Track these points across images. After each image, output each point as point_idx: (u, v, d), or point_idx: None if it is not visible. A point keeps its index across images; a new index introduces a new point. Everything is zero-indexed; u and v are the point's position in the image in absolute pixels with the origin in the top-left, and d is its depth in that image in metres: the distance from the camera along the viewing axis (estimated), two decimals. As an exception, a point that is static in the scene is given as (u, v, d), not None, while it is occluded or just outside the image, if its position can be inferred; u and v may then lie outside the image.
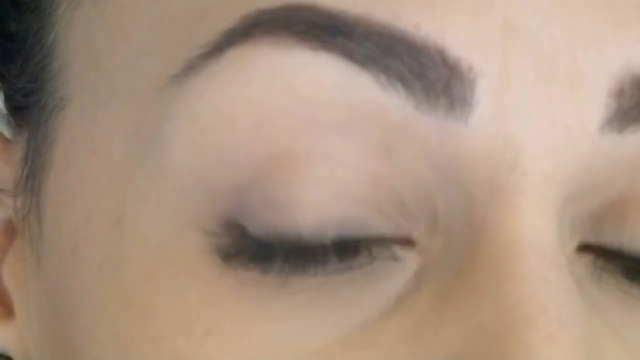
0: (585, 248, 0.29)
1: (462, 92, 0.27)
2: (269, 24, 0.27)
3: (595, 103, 0.28)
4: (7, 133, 0.36)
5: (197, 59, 0.28)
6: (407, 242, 0.28)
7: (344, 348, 0.27)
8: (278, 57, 0.27)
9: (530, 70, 0.27)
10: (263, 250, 0.28)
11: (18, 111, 0.34)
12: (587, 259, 0.29)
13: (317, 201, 0.27)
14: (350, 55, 0.27)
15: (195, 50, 0.28)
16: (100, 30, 0.31)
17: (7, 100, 0.35)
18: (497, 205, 0.27)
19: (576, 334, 0.26)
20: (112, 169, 0.30)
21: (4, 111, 0.35)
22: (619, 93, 0.28)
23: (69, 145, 0.31)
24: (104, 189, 0.30)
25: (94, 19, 0.31)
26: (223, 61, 0.27)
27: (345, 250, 0.28)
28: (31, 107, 0.33)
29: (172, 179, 0.29)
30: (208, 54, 0.28)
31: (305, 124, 0.27)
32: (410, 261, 0.28)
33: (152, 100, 0.29)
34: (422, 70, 0.27)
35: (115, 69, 0.30)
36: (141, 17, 0.30)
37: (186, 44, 0.28)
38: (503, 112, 0.27)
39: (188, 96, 0.28)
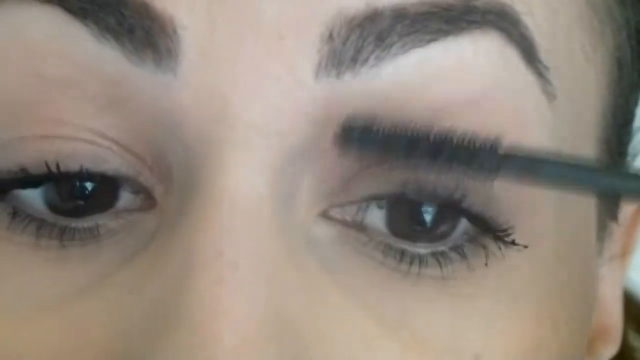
0: (333, 214, 0.30)
1: (166, 44, 0.28)
2: None
3: (306, 50, 0.28)
4: None
5: None
6: (151, 205, 0.30)
7: (79, 298, 0.29)
8: (12, 10, 0.29)
9: (237, 22, 0.28)
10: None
11: None
12: (334, 224, 0.30)
13: (40, 155, 0.29)
14: (66, 7, 0.28)
15: None
16: None
17: None
18: (207, 158, 0.28)
19: (248, 278, 0.27)
20: None
21: None
22: (330, 37, 0.28)
23: None
24: None
25: None
26: None
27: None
28: None
29: None
30: None
31: (31, 76, 0.29)
32: (150, 223, 0.30)
33: None
34: (128, 23, 0.28)
35: None
36: None
37: None
38: (209, 64, 0.28)
39: None
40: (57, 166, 0.29)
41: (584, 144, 0.33)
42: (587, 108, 0.33)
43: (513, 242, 0.31)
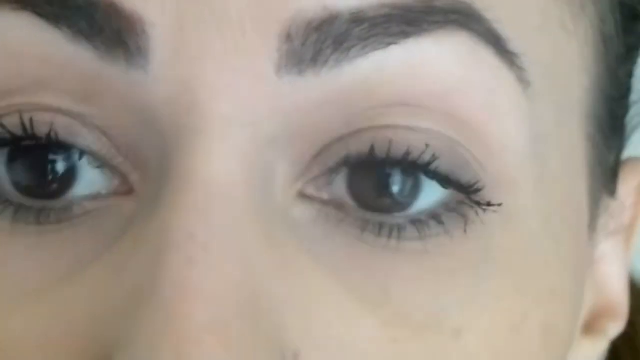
0: (310, 192, 0.30)
1: (136, 42, 0.29)
2: None
3: (268, 47, 0.29)
4: None
5: None
6: (127, 191, 0.30)
7: (61, 286, 0.30)
8: None
9: (204, 19, 0.29)
10: None
11: None
12: (312, 203, 0.30)
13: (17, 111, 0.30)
14: (41, 13, 0.30)
15: None
16: None
17: None
18: (180, 147, 0.29)
19: (219, 258, 0.28)
20: None
21: None
22: (288, 37, 0.29)
23: None
24: None
25: None
26: None
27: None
28: None
29: None
30: None
31: (12, 77, 0.30)
32: (126, 208, 0.30)
33: None
34: (99, 24, 0.29)
35: None
36: None
37: None
38: (179, 60, 0.29)
39: None
40: (31, 122, 0.30)
41: (568, 121, 0.33)
42: (571, 84, 0.33)
43: (488, 204, 0.31)
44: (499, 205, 0.31)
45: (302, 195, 0.30)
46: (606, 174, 0.37)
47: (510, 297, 0.31)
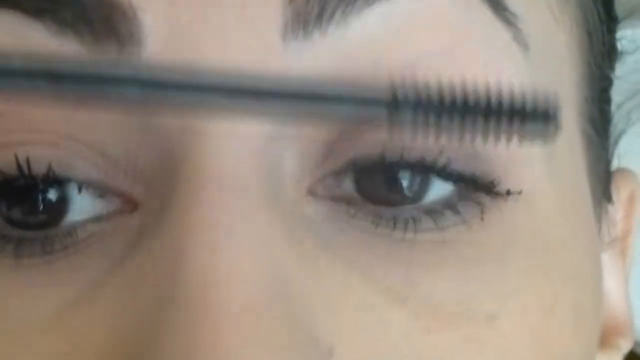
0: (321, 191, 0.29)
1: (127, 29, 0.27)
2: None
3: (271, 15, 0.27)
4: None
5: None
6: (132, 208, 0.29)
7: (73, 309, 0.28)
8: None
9: None
10: None
11: None
12: (324, 201, 0.29)
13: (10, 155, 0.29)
14: (22, 7, 0.28)
15: None
16: None
17: None
18: (185, 146, 0.27)
19: (244, 246, 0.26)
20: None
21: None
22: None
23: None
24: None
25: None
26: None
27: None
28: None
29: None
30: None
31: None
32: (133, 224, 0.29)
33: None
34: (86, 14, 0.27)
35: None
36: None
37: None
38: (175, 44, 0.27)
39: None
40: (28, 164, 0.28)
41: (565, 108, 0.32)
42: (562, 73, 0.33)
43: (507, 192, 0.30)
44: (519, 193, 0.30)
45: (312, 193, 0.29)
46: (604, 177, 0.36)
47: (539, 278, 0.30)
